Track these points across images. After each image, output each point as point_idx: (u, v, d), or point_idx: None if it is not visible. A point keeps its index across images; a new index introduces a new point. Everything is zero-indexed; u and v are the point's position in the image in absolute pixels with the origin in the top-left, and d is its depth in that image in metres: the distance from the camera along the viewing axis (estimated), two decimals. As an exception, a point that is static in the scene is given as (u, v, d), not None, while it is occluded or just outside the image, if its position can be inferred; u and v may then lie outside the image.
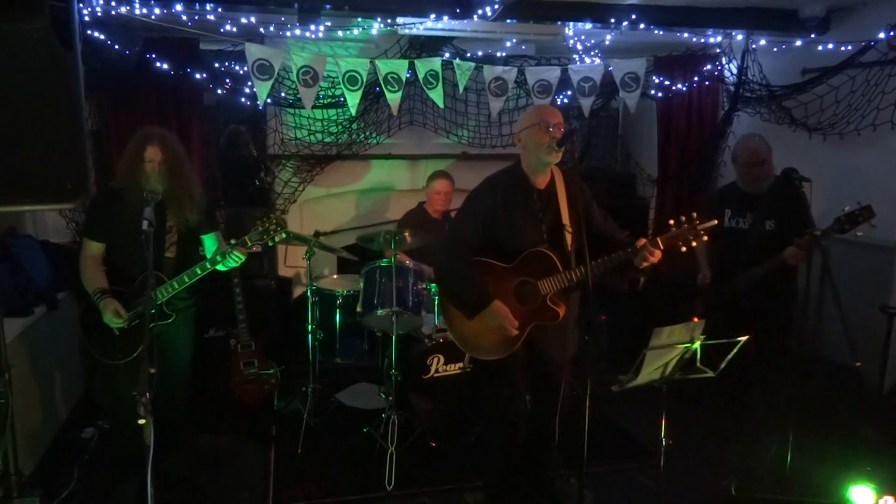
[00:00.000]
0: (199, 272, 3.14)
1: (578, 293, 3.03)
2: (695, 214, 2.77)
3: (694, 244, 2.77)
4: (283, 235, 3.17)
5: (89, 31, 3.83)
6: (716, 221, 2.82)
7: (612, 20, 4.25)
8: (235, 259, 3.15)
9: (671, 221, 2.80)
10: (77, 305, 3.38)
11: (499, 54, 4.86)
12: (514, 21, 4.18)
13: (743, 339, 2.62)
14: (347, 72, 4.30)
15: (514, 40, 4.72)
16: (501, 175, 3.05)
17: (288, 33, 4.47)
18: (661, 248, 2.76)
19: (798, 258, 3.39)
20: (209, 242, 3.36)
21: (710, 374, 2.70)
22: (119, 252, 3.23)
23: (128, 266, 3.18)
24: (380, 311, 3.89)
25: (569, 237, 2.94)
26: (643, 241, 2.79)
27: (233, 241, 3.17)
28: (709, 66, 5.10)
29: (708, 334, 2.61)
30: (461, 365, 4.00)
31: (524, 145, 2.95)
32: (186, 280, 3.13)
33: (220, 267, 3.18)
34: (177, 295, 3.19)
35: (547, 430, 3.19)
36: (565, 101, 5.10)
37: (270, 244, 3.25)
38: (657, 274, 4.44)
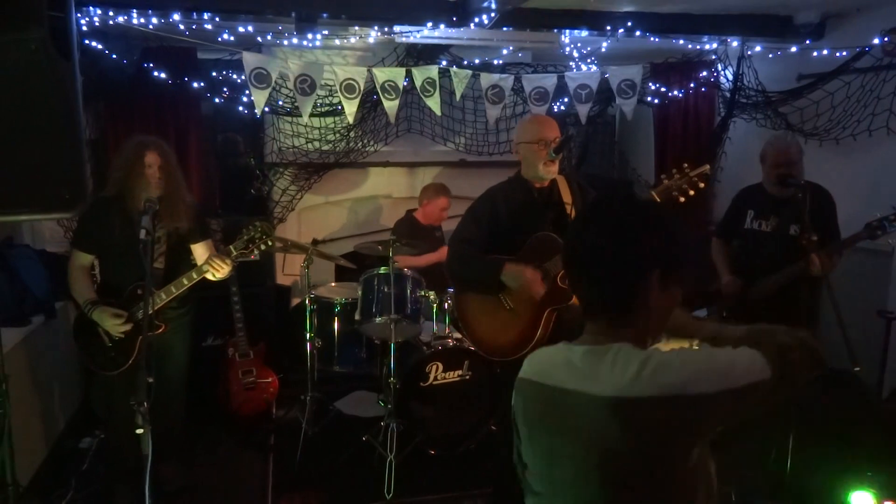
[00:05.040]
0: (185, 282, 3.12)
1: None
2: (685, 164, 2.78)
3: (691, 193, 2.76)
4: (269, 244, 3.15)
5: (87, 41, 3.85)
6: (707, 166, 2.80)
7: (608, 27, 4.26)
8: (218, 267, 3.10)
9: (662, 175, 2.79)
10: (75, 315, 3.37)
11: (495, 62, 4.88)
12: (511, 29, 4.20)
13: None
14: (345, 80, 4.31)
15: (511, 48, 4.73)
16: (501, 183, 3.11)
17: (285, 42, 4.48)
18: (658, 201, 2.76)
19: (825, 267, 3.17)
20: (200, 252, 3.31)
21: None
22: (109, 262, 3.23)
23: (118, 276, 3.17)
24: (378, 319, 3.88)
25: None
26: None
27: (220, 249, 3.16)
28: (705, 73, 5.12)
29: None
30: (460, 372, 3.99)
31: (522, 157, 3.00)
32: (174, 290, 3.11)
33: (210, 277, 3.15)
34: (168, 304, 3.17)
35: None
36: (562, 108, 5.13)
37: (257, 252, 3.23)
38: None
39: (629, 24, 4.25)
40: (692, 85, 5.14)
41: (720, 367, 1.23)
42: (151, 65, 4.20)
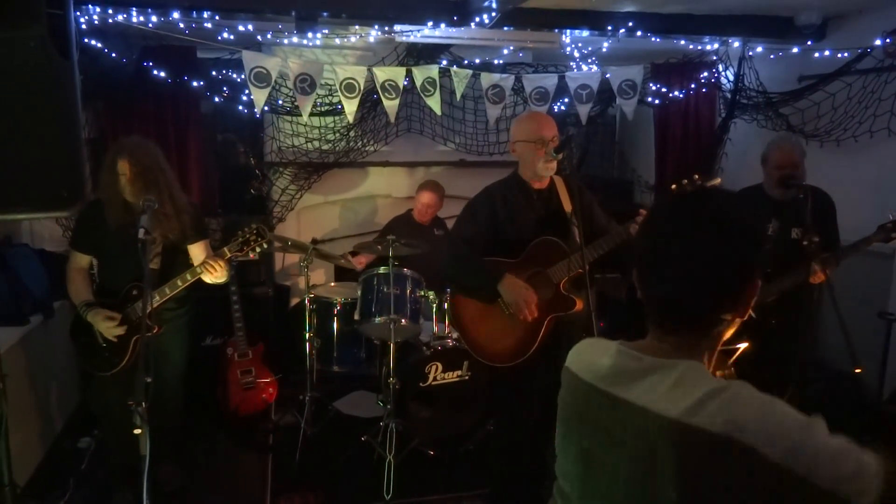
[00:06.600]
0: (179, 283, 3.09)
1: (589, 300, 2.98)
2: (696, 175, 2.73)
3: None
4: (264, 246, 3.13)
5: (86, 40, 3.83)
6: (719, 180, 2.75)
7: (609, 28, 4.26)
8: (212, 269, 3.05)
9: (672, 186, 2.75)
10: (72, 315, 3.37)
11: (496, 62, 4.87)
12: (512, 29, 4.19)
13: (743, 346, 2.59)
14: (345, 79, 4.30)
15: (512, 48, 4.73)
16: (498, 182, 3.07)
17: (285, 41, 4.48)
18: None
19: (821, 276, 3.13)
20: (196, 252, 3.25)
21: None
22: (106, 263, 3.22)
23: (114, 277, 3.17)
24: (378, 319, 3.87)
25: (576, 230, 2.91)
26: (644, 212, 2.73)
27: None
28: (706, 74, 5.11)
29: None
30: (459, 373, 3.98)
31: (520, 155, 2.97)
32: (167, 291, 3.08)
33: (206, 279, 3.12)
34: (165, 305, 3.15)
35: (546, 442, 3.17)
36: (563, 108, 5.12)
37: (255, 254, 3.21)
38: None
39: (630, 24, 4.25)
40: (693, 85, 5.13)
41: (808, 443, 1.00)
42: (151, 63, 4.19)
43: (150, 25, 3.80)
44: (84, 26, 3.74)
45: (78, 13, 3.59)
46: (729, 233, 1.12)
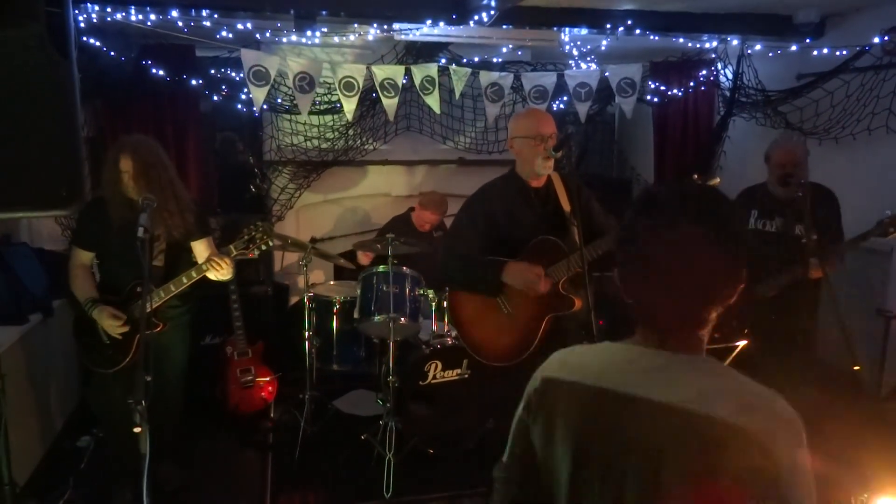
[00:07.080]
0: (185, 281, 3.09)
1: (588, 300, 2.97)
2: (696, 175, 2.73)
3: None
4: (270, 244, 3.13)
5: (85, 38, 3.83)
6: (718, 180, 2.75)
7: (608, 26, 4.26)
8: (217, 266, 3.07)
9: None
10: (73, 313, 3.37)
11: (495, 60, 4.87)
12: (510, 27, 4.19)
13: (741, 343, 2.60)
14: (344, 78, 4.30)
15: (510, 46, 4.73)
16: (496, 181, 3.06)
17: (284, 39, 4.47)
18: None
19: (819, 272, 3.16)
20: (200, 249, 3.26)
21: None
22: (108, 261, 3.22)
23: (118, 274, 3.16)
24: (377, 318, 3.87)
25: (574, 229, 2.91)
26: None
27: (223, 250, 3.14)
28: (704, 72, 5.11)
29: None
30: (459, 371, 3.98)
31: (518, 152, 2.96)
32: (172, 289, 3.09)
33: (211, 276, 3.13)
34: (168, 302, 3.16)
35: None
36: (561, 106, 5.12)
37: (257, 253, 3.21)
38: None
39: (629, 22, 4.25)
40: (692, 84, 5.13)
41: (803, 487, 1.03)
42: (150, 62, 4.19)
43: (149, 24, 3.80)
44: (83, 25, 3.74)
45: (76, 11, 3.58)
46: (715, 238, 1.07)
